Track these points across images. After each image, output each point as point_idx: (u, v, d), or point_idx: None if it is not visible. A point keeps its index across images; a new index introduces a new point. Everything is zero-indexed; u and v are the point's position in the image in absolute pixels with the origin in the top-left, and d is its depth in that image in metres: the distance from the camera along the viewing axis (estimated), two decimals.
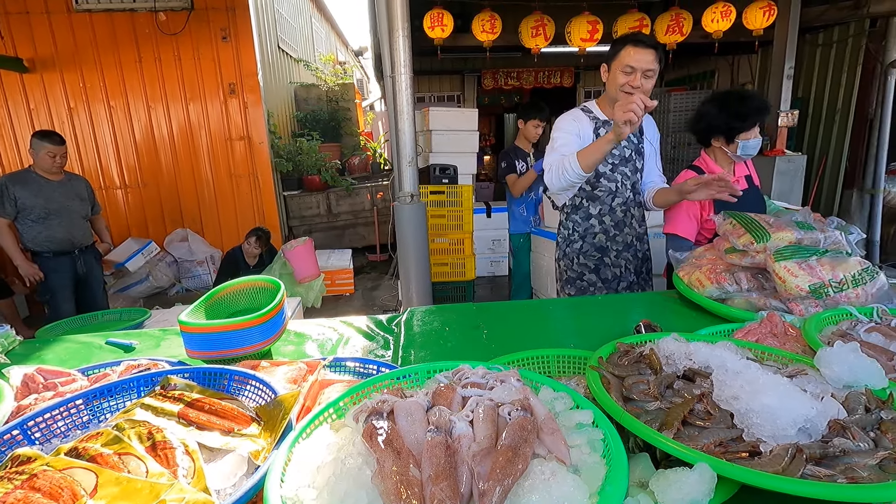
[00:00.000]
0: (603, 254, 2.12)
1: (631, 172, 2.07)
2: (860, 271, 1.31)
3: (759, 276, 1.47)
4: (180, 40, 5.16)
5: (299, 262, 4.59)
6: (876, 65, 4.75)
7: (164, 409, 0.81)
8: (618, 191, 2.06)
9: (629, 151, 2.05)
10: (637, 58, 1.82)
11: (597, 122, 2.01)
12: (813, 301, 1.32)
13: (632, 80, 1.84)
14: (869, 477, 0.65)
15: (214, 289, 1.42)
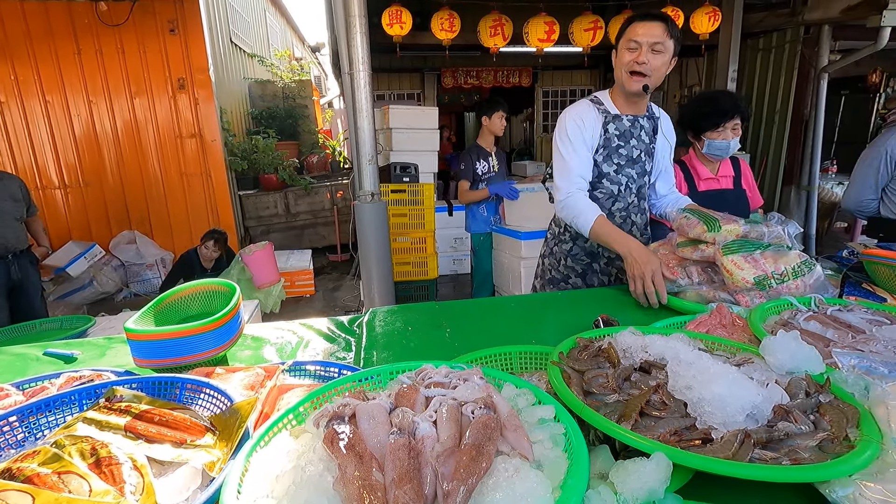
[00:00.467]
0: (593, 259, 1.99)
1: (638, 175, 1.89)
2: (799, 264, 1.39)
3: (709, 270, 1.54)
4: (123, 32, 4.89)
5: (258, 268, 4.47)
6: (810, 69, 5.07)
7: (109, 423, 0.77)
8: (619, 194, 1.89)
9: (638, 152, 1.86)
10: (642, 31, 1.63)
11: (606, 117, 1.81)
12: (758, 292, 1.39)
13: (636, 55, 1.65)
14: (810, 458, 0.69)
15: (164, 293, 1.35)
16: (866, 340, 1.06)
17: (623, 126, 1.83)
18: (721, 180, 2.17)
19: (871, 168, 2.33)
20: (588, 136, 1.81)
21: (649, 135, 1.88)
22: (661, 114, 1.93)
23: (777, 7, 5.14)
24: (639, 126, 1.85)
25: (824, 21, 4.77)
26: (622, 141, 1.83)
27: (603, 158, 1.85)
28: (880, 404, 0.78)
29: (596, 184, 1.88)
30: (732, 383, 0.79)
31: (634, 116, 1.84)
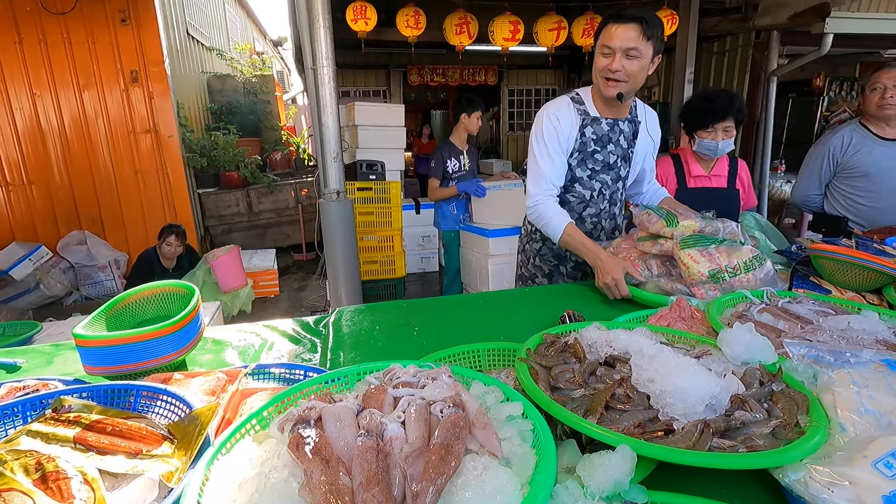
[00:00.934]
0: (560, 262, 1.98)
1: (612, 181, 1.85)
2: (751, 258, 1.46)
3: (668, 263, 1.60)
4: (70, 21, 4.63)
5: (224, 272, 4.32)
6: (760, 72, 5.31)
7: (56, 435, 0.72)
8: (591, 200, 1.86)
9: (615, 158, 1.82)
10: (615, 35, 1.56)
11: (585, 119, 1.76)
12: (712, 285, 1.45)
13: (610, 62, 1.58)
14: (764, 444, 0.72)
15: (116, 297, 1.28)
16: (814, 330, 1.11)
17: (601, 130, 1.78)
18: (713, 179, 2.21)
19: (815, 165, 2.46)
20: (563, 139, 1.76)
21: (628, 139, 1.83)
22: (646, 113, 1.87)
23: (730, 12, 5.36)
24: (618, 130, 1.80)
25: (773, 27, 5.01)
26: (598, 146, 1.79)
27: (577, 163, 1.81)
28: (827, 391, 0.82)
29: (568, 187, 1.85)
30: (692, 375, 0.82)
31: (614, 120, 1.78)
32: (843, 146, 2.36)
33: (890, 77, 2.20)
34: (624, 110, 1.80)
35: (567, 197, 1.86)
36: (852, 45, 5.01)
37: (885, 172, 2.28)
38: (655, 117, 1.90)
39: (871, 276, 1.41)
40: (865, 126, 2.35)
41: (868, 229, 2.11)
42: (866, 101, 2.31)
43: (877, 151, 2.29)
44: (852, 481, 0.65)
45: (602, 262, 1.60)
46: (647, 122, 1.86)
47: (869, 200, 2.34)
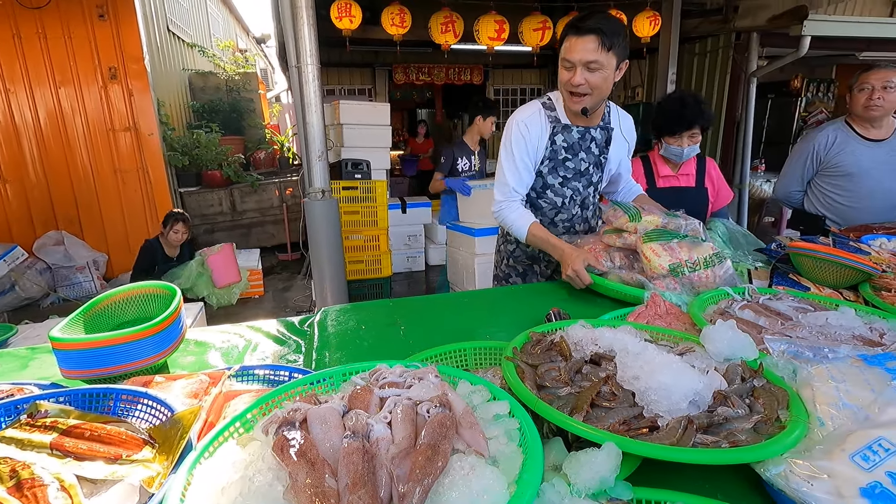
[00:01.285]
0: (533, 262, 2.00)
1: (584, 187, 1.85)
2: (711, 255, 1.50)
3: (630, 256, 1.64)
4: (45, 15, 4.51)
5: (219, 268, 4.42)
6: (741, 73, 5.40)
7: (32, 441, 0.70)
8: (563, 206, 1.86)
9: (586, 165, 1.81)
10: (574, 48, 1.52)
11: (555, 127, 1.74)
12: (672, 279, 1.48)
13: (572, 76, 1.56)
14: (746, 440, 0.74)
15: (95, 298, 1.25)
16: (794, 327, 1.14)
17: (572, 138, 1.77)
18: (681, 178, 2.25)
19: (799, 162, 2.50)
20: (532, 149, 1.75)
21: (600, 146, 1.81)
22: (619, 118, 1.85)
23: (711, 14, 5.44)
24: (589, 138, 1.79)
25: (753, 29, 5.09)
26: (570, 153, 1.78)
27: (549, 170, 1.81)
28: (806, 386, 0.84)
29: (540, 194, 1.86)
30: (676, 372, 0.83)
31: (585, 128, 1.78)
32: (827, 144, 2.39)
33: (878, 78, 2.21)
34: (595, 118, 1.78)
35: (539, 202, 1.87)
36: (829, 48, 5.12)
37: (866, 173, 2.31)
38: (629, 120, 1.90)
39: (847, 273, 1.44)
40: (851, 125, 2.37)
41: (844, 227, 2.15)
42: (853, 100, 2.32)
43: (860, 151, 2.32)
44: (831, 474, 0.67)
45: (565, 255, 1.63)
46: (621, 127, 1.85)
47: (847, 200, 2.38)
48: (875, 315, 1.19)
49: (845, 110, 2.42)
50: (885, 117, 2.28)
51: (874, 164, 2.30)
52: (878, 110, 2.24)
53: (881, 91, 2.21)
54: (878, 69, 2.24)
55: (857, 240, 1.77)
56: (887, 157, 2.29)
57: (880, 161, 2.30)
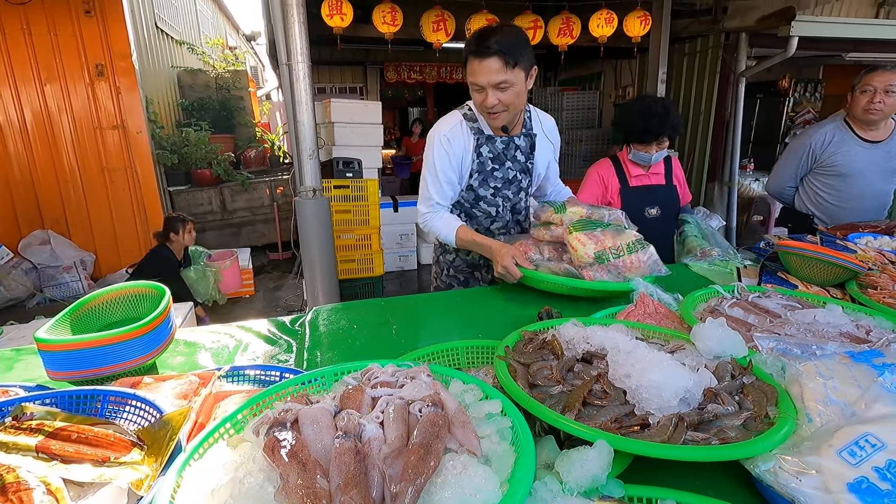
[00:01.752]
0: (474, 269, 2.00)
1: (514, 194, 1.88)
2: (634, 241, 1.53)
3: (559, 248, 1.67)
4: (30, 11, 4.43)
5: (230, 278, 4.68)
6: (730, 73, 5.44)
7: (17, 444, 0.69)
8: (498, 215, 1.89)
9: (513, 173, 1.83)
10: (479, 71, 1.52)
11: (479, 139, 1.75)
12: (598, 266, 1.51)
13: (484, 99, 1.57)
14: (736, 436, 0.74)
15: (82, 299, 1.24)
16: (782, 324, 1.15)
17: (496, 149, 1.78)
18: (652, 177, 2.27)
19: (794, 158, 2.49)
20: (456, 161, 1.76)
21: (526, 153, 1.83)
22: (540, 121, 1.87)
23: (701, 14, 5.48)
24: (513, 147, 1.81)
25: (742, 29, 5.14)
26: (497, 164, 1.80)
27: (479, 183, 1.82)
28: (794, 383, 0.85)
29: (474, 205, 1.87)
30: (667, 370, 0.83)
31: (509, 138, 1.79)
32: (824, 143, 2.37)
33: (882, 81, 2.19)
34: (517, 126, 1.80)
35: (474, 212, 1.88)
36: (816, 48, 5.18)
37: (859, 174, 2.31)
38: (551, 121, 1.94)
39: (834, 271, 1.46)
40: (849, 125, 2.35)
41: (831, 226, 2.18)
42: (854, 101, 2.29)
43: (856, 152, 2.31)
44: (819, 470, 0.68)
45: (493, 252, 1.65)
46: (543, 130, 1.87)
47: (837, 200, 2.39)
48: (861, 312, 1.21)
49: (832, 110, 2.42)
50: (884, 120, 2.27)
51: (868, 165, 2.30)
52: (878, 114, 2.22)
53: (883, 94, 2.18)
54: (882, 71, 2.21)
55: (844, 238, 1.80)
56: (882, 159, 2.30)
57: (875, 162, 2.30)
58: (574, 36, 4.95)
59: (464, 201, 1.88)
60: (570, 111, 7.72)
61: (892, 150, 2.30)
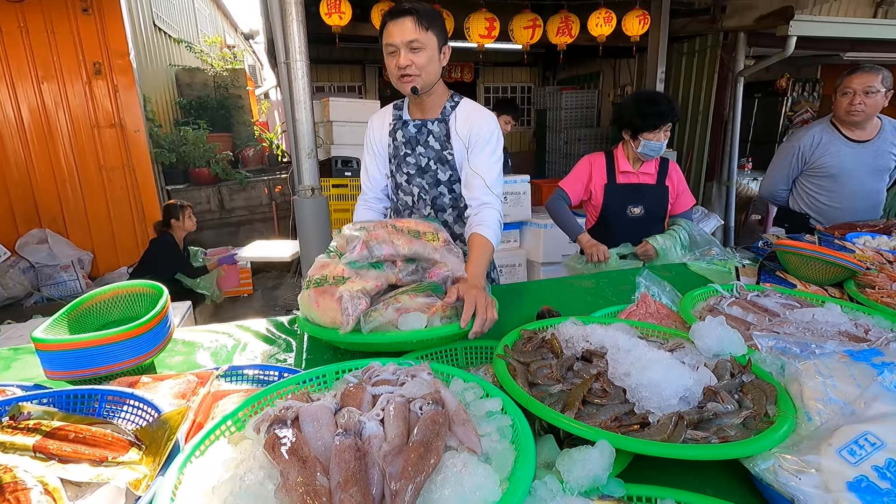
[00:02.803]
0: None
1: (429, 185, 1.72)
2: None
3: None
4: (27, 9, 4.41)
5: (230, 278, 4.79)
6: (728, 73, 5.45)
7: (14, 444, 0.69)
8: (414, 206, 1.77)
9: (426, 160, 1.70)
10: (393, 31, 1.50)
11: (396, 123, 1.73)
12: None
13: (397, 60, 1.51)
14: (736, 435, 0.74)
15: (80, 298, 1.23)
16: (781, 323, 1.15)
17: (409, 133, 1.71)
18: (641, 175, 2.26)
19: (784, 161, 2.51)
20: (375, 143, 1.78)
21: (440, 140, 1.68)
22: (462, 113, 1.67)
23: (699, 14, 5.48)
24: (426, 132, 1.69)
25: (740, 28, 5.14)
26: (408, 149, 1.72)
27: (395, 168, 1.77)
28: (794, 381, 0.85)
29: (395, 195, 1.81)
30: (666, 368, 0.83)
31: (422, 121, 1.69)
32: (812, 145, 2.39)
33: (860, 83, 2.20)
34: (433, 110, 1.68)
35: (397, 205, 1.84)
36: (814, 48, 5.19)
37: (849, 174, 2.33)
38: (483, 120, 1.66)
39: (832, 270, 1.46)
40: (836, 126, 2.37)
41: (828, 226, 2.18)
42: (836, 104, 2.32)
43: (844, 152, 2.33)
44: (818, 469, 0.68)
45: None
46: (457, 123, 1.67)
47: (830, 200, 2.40)
48: (860, 311, 1.21)
49: (831, 110, 2.43)
50: (869, 120, 2.29)
51: (857, 165, 2.32)
52: (860, 115, 2.24)
53: (862, 96, 2.20)
54: (860, 73, 2.23)
55: (842, 237, 1.80)
56: (870, 159, 2.31)
57: (863, 162, 2.31)
58: (573, 35, 4.95)
59: (391, 192, 1.84)
60: (569, 110, 7.72)
61: (879, 148, 2.31)
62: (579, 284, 1.76)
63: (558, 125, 7.59)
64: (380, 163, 1.81)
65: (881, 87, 2.19)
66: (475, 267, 1.35)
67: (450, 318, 1.12)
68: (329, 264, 1.24)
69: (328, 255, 1.29)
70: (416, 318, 1.07)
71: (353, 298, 1.05)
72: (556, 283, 1.84)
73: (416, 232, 1.33)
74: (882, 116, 2.33)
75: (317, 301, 1.12)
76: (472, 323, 1.09)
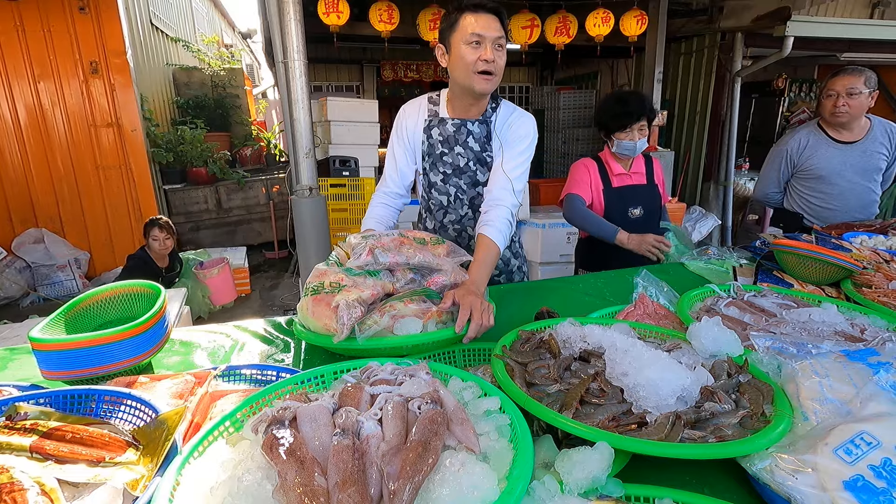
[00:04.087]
0: None
1: (467, 186, 1.72)
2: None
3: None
4: (23, 8, 4.39)
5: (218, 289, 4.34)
6: (725, 73, 5.46)
7: (10, 444, 0.68)
8: (450, 206, 1.75)
9: (465, 160, 1.68)
10: (482, 23, 1.45)
11: (432, 120, 1.68)
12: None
13: (483, 52, 1.46)
14: (732, 434, 0.74)
15: (77, 298, 1.23)
16: (778, 323, 1.16)
17: (447, 132, 1.67)
18: (633, 176, 2.27)
19: (774, 166, 2.55)
20: (409, 135, 1.71)
21: (480, 141, 1.67)
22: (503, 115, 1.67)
23: (697, 14, 5.50)
24: (465, 132, 1.66)
25: (737, 29, 5.16)
26: (446, 148, 1.69)
27: (430, 167, 1.72)
28: (790, 381, 0.86)
29: (428, 194, 1.77)
30: (664, 368, 0.83)
31: (462, 121, 1.66)
32: (799, 148, 2.43)
33: (843, 84, 2.23)
34: (477, 111, 1.67)
35: (429, 204, 1.79)
36: (811, 48, 5.20)
37: (838, 175, 2.35)
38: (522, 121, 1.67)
39: (829, 269, 1.47)
40: (822, 129, 2.40)
41: (824, 226, 2.19)
42: (822, 106, 2.36)
43: (830, 154, 2.35)
44: (815, 468, 0.68)
45: None
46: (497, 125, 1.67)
47: (822, 201, 2.42)
48: (857, 311, 1.22)
49: None
50: (855, 121, 2.31)
51: (845, 165, 2.34)
52: (844, 116, 2.26)
53: (846, 97, 2.22)
54: (843, 75, 2.25)
55: (839, 237, 1.81)
56: (858, 159, 2.33)
57: (851, 163, 2.33)
58: (571, 35, 4.96)
59: (423, 190, 1.78)
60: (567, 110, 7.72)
61: (868, 149, 2.33)
62: (577, 285, 1.76)
63: (556, 125, 7.59)
64: (409, 156, 1.72)
65: (864, 89, 2.21)
66: (476, 272, 1.34)
67: (445, 323, 1.11)
68: (327, 272, 1.23)
69: (327, 264, 1.29)
70: (411, 323, 1.06)
71: (348, 307, 1.05)
72: (555, 283, 1.84)
73: (422, 240, 1.33)
74: (872, 117, 2.36)
75: (312, 310, 1.12)
76: (466, 327, 1.08)
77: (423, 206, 1.84)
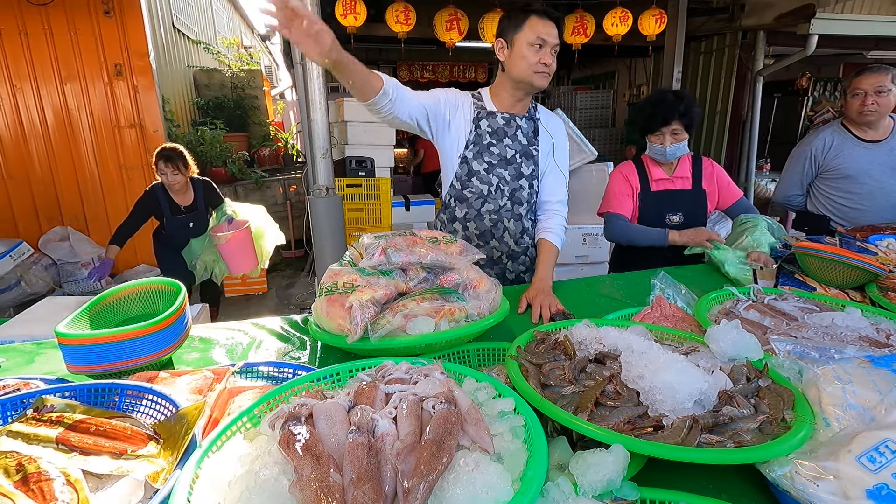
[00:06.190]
0: (484, 267, 1.81)
1: (511, 177, 1.77)
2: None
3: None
4: (51, 12, 4.52)
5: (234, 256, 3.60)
6: (747, 72, 5.36)
7: (38, 436, 0.71)
8: (490, 195, 1.77)
9: (513, 152, 1.75)
10: (545, 30, 1.59)
11: (480, 112, 1.74)
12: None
13: (544, 56, 1.60)
14: (752, 440, 0.73)
15: (100, 294, 1.26)
16: (799, 327, 1.13)
17: (497, 124, 1.74)
18: (676, 181, 2.15)
19: (797, 166, 2.49)
20: (459, 118, 1.74)
21: (527, 136, 1.77)
22: (544, 114, 1.84)
23: (717, 12, 5.40)
24: (514, 125, 1.75)
25: (759, 27, 5.06)
26: (494, 139, 1.74)
27: (474, 155, 1.75)
28: (812, 387, 0.84)
29: (466, 182, 1.78)
30: (681, 371, 0.82)
31: (511, 115, 1.75)
32: (824, 148, 2.37)
33: (871, 83, 2.18)
34: (521, 107, 1.77)
35: (465, 194, 1.79)
36: (836, 46, 5.08)
37: (866, 174, 2.29)
38: (557, 120, 1.87)
39: (854, 273, 1.43)
40: (847, 128, 2.35)
41: (850, 228, 2.14)
42: (848, 105, 2.31)
43: (857, 153, 2.30)
44: (836, 475, 0.66)
45: None
46: (543, 122, 1.82)
47: (849, 202, 2.36)
48: (882, 316, 1.19)
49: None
50: (881, 120, 2.26)
51: (873, 165, 2.28)
52: (873, 115, 2.21)
53: (874, 96, 2.17)
54: (870, 73, 2.20)
55: (864, 240, 1.76)
56: (886, 158, 2.28)
57: (879, 162, 2.28)
58: (588, 34, 4.91)
59: (455, 180, 1.79)
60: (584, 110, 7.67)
61: (894, 147, 2.28)
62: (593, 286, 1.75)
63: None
64: (442, 120, 1.73)
65: (892, 86, 2.17)
66: (542, 271, 1.63)
67: (458, 322, 1.11)
68: (340, 272, 1.24)
69: (340, 265, 1.30)
70: (423, 323, 1.07)
71: (361, 307, 1.05)
72: (570, 284, 1.83)
73: (435, 239, 1.34)
74: (894, 116, 2.30)
75: (326, 310, 1.13)
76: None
77: (453, 195, 1.81)
